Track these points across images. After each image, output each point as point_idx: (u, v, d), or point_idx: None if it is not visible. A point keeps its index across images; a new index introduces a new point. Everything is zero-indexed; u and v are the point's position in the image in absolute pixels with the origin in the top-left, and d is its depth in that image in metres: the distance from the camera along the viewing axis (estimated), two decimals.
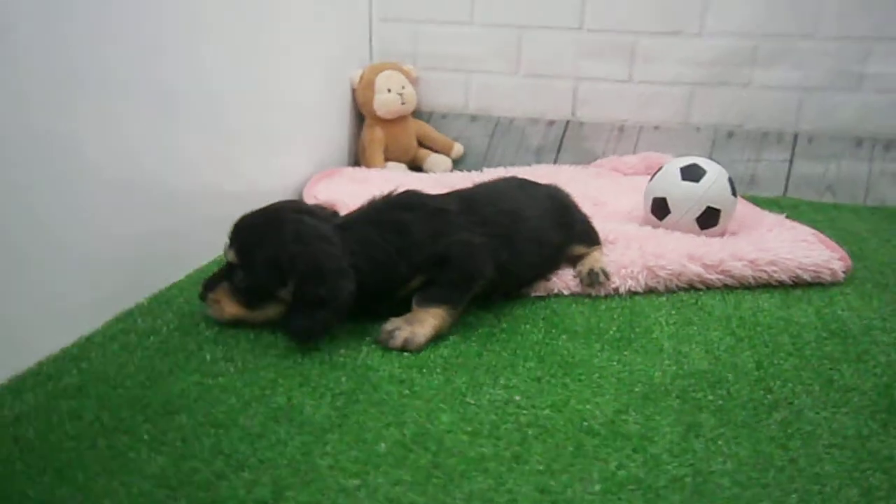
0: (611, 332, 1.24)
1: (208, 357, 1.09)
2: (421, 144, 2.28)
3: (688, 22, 2.05)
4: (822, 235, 1.56)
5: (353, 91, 2.19)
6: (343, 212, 1.31)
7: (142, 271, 1.28)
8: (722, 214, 1.57)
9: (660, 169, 1.66)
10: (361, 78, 2.17)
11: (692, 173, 1.58)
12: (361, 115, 2.23)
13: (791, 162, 2.07)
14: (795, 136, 2.07)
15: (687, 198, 1.57)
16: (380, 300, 1.21)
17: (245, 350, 1.12)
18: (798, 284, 1.44)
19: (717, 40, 2.04)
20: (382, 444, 0.90)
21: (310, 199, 1.72)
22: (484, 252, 1.23)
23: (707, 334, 1.24)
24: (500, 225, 1.29)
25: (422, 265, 1.20)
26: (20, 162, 1.00)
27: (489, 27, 2.19)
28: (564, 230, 1.43)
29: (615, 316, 1.30)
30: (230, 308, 1.19)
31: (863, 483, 0.85)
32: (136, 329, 1.17)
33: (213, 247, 1.46)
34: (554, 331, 1.24)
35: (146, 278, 1.30)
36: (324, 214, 1.24)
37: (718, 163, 1.63)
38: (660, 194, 1.61)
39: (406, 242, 1.19)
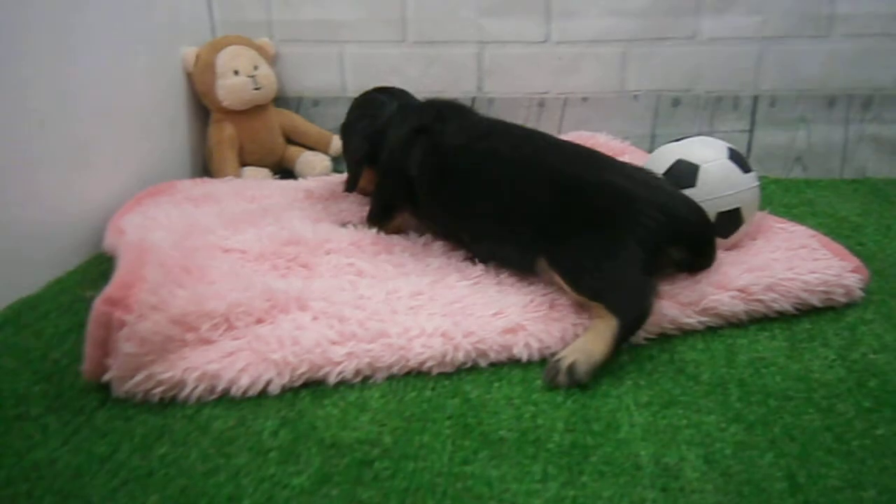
0: (556, 436, 0.79)
1: None
2: (289, 141, 1.77)
3: None
4: (824, 238, 1.16)
5: (189, 76, 1.66)
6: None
7: None
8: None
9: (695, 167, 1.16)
10: (197, 58, 1.63)
11: (740, 160, 1.17)
12: (206, 109, 1.70)
13: (751, 131, 1.70)
14: (755, 99, 1.68)
15: (755, 197, 1.17)
16: None
17: None
18: (803, 312, 1.03)
19: None
20: None
21: (114, 235, 1.19)
22: None
23: (700, 422, 0.81)
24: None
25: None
26: None
27: None
28: None
29: (559, 400, 0.86)
30: None
31: None
32: None
33: None
34: (468, 442, 0.78)
35: None
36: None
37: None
38: (734, 204, 1.13)
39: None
